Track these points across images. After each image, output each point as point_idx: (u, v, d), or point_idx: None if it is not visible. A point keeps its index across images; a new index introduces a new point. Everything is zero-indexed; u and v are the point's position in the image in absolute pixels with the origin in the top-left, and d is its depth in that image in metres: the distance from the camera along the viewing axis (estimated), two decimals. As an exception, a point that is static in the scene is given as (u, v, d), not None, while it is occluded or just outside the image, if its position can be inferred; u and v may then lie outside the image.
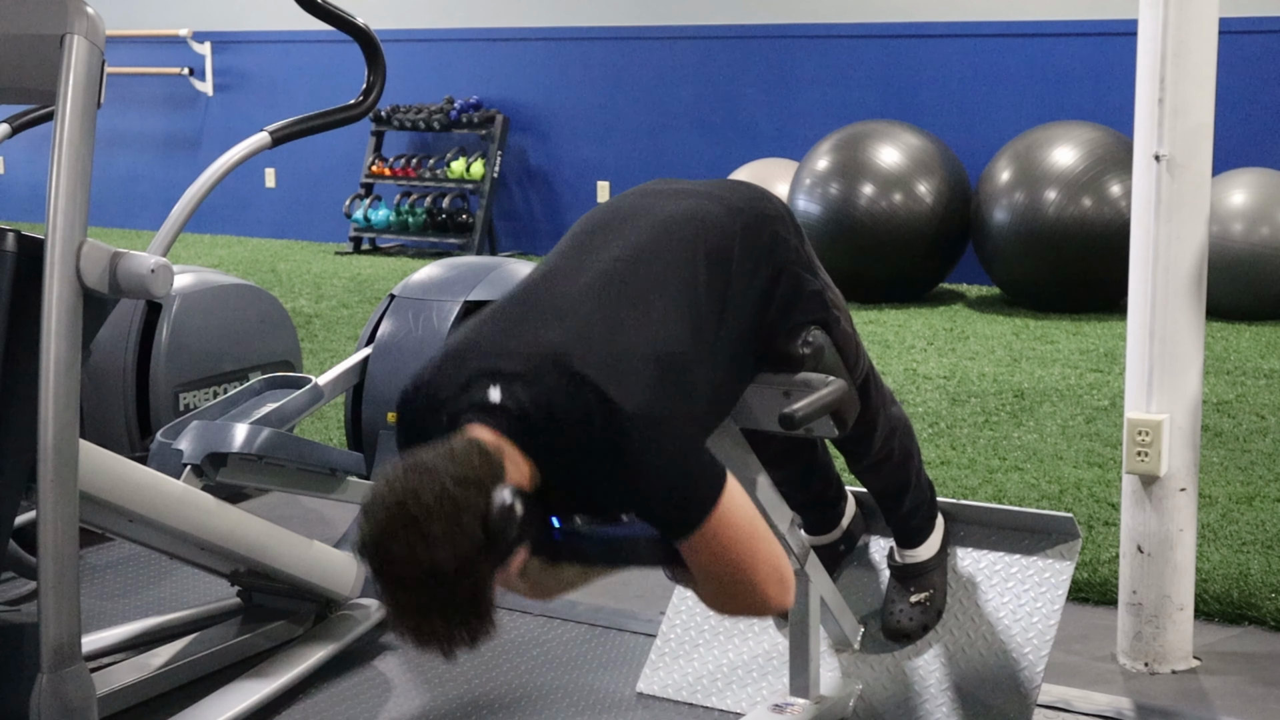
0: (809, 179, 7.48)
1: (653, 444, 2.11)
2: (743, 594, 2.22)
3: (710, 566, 2.18)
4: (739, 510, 2.18)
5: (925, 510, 2.98)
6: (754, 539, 2.20)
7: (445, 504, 1.96)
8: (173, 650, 3.18)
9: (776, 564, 2.22)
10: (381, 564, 1.97)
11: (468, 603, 1.99)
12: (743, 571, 2.19)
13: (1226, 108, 3.81)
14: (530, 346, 2.17)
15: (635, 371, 2.14)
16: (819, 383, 2.42)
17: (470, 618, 2.00)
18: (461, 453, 2.02)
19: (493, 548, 1.99)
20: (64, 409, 2.31)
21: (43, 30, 2.39)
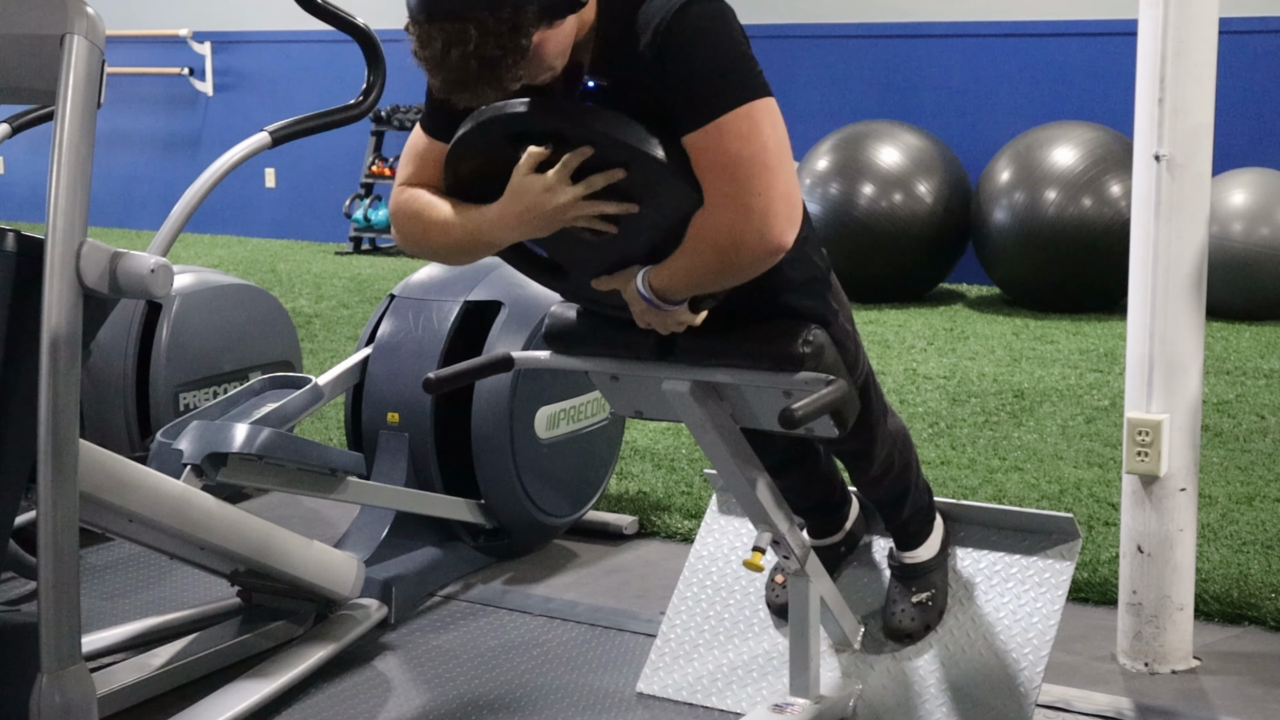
0: (809, 179, 7.48)
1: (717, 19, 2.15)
2: (751, 203, 2.17)
3: (726, 160, 2.16)
4: (775, 123, 2.19)
5: (924, 513, 2.98)
6: (781, 152, 2.19)
7: None
8: (173, 650, 3.18)
9: (791, 189, 2.21)
10: None
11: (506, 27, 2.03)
12: (758, 174, 2.16)
13: (1226, 108, 3.81)
14: None
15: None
16: (819, 382, 2.42)
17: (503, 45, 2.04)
18: None
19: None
20: (64, 409, 2.31)
21: (43, 30, 2.39)
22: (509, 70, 2.07)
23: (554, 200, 2.22)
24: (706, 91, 2.16)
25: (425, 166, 2.41)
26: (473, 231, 2.31)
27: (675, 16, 2.15)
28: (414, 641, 3.39)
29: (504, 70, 2.07)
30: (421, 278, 4.02)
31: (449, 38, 2.05)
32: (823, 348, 2.46)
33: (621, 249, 2.32)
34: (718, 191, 2.19)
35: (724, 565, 3.22)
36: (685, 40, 2.15)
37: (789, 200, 2.20)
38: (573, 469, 3.93)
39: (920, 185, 7.33)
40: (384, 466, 3.75)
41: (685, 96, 2.17)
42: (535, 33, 2.08)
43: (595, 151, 2.20)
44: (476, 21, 2.04)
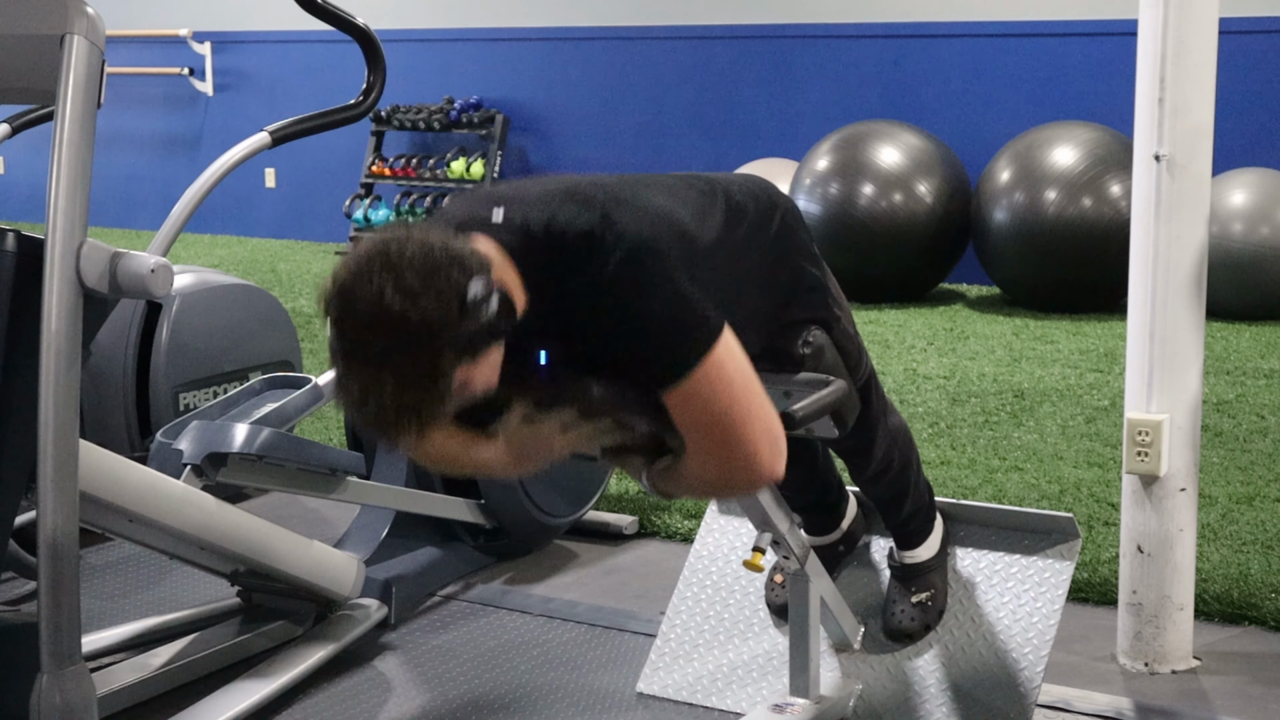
0: (809, 179, 7.48)
1: (654, 273, 2.06)
2: (733, 453, 2.14)
3: (700, 418, 2.11)
4: (734, 361, 2.12)
5: (924, 513, 2.98)
6: (748, 393, 2.13)
7: (426, 262, 1.92)
8: (173, 650, 3.18)
9: (769, 423, 2.16)
10: (347, 305, 1.92)
11: (421, 373, 1.91)
12: (734, 426, 2.12)
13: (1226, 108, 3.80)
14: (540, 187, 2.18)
15: (644, 212, 2.13)
16: (819, 383, 2.42)
17: (418, 391, 1.92)
18: (457, 241, 1.99)
19: (463, 326, 1.93)
20: (64, 409, 2.31)
21: (43, 30, 2.39)
22: (430, 415, 1.96)
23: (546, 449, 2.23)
24: (659, 363, 2.10)
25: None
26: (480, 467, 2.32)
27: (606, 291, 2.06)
28: (414, 641, 3.39)
29: (425, 416, 1.95)
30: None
31: (364, 385, 1.92)
32: (822, 348, 2.46)
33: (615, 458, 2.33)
34: (698, 446, 2.17)
35: (724, 565, 3.22)
36: (621, 314, 2.07)
37: (768, 436, 2.16)
38: (573, 469, 3.93)
39: (920, 185, 7.33)
40: (384, 466, 3.75)
41: (639, 368, 2.12)
42: (457, 372, 1.95)
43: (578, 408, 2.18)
44: (393, 369, 1.90)
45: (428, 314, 1.90)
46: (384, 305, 1.89)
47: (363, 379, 1.93)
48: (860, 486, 2.92)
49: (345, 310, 1.93)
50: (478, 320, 1.94)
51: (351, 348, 1.93)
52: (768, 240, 2.44)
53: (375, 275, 1.90)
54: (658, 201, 2.23)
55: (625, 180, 2.30)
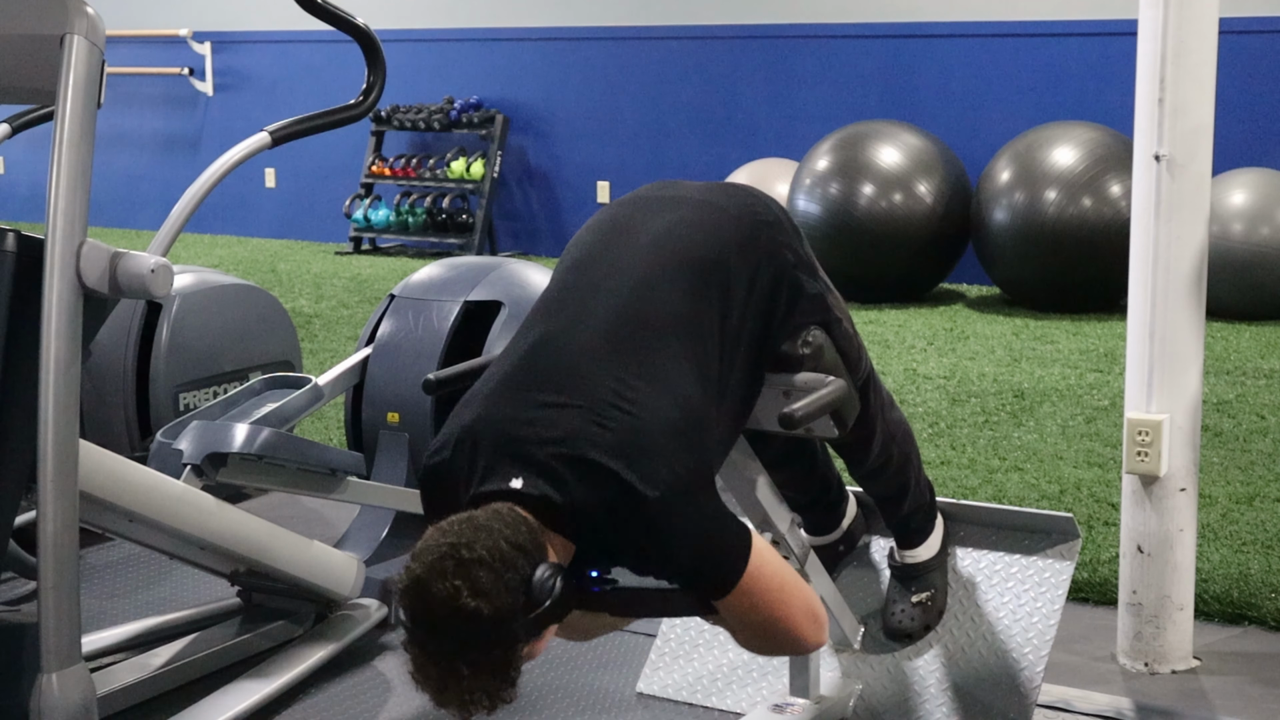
0: (809, 179, 7.48)
1: (680, 523, 2.16)
2: (780, 638, 2.30)
3: (747, 618, 2.26)
4: (768, 565, 2.25)
5: (925, 511, 2.98)
6: (785, 589, 2.27)
7: (496, 558, 2.01)
8: (173, 650, 3.18)
9: (809, 605, 2.31)
10: (423, 604, 2.01)
11: (496, 662, 2.03)
12: (778, 619, 2.27)
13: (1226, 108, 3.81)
14: (545, 432, 2.17)
15: (654, 449, 2.16)
16: (819, 383, 2.42)
17: (495, 679, 2.05)
18: (510, 517, 2.08)
19: (530, 614, 2.04)
20: (64, 409, 2.31)
21: (43, 30, 2.39)
22: (502, 693, 2.08)
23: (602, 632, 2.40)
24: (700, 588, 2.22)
25: None
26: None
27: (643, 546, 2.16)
28: (414, 641, 3.39)
29: (497, 696, 2.07)
30: (421, 278, 4.02)
31: (441, 674, 2.04)
32: (822, 348, 2.46)
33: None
34: (746, 634, 2.32)
35: (724, 565, 3.22)
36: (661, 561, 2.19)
37: (809, 614, 2.31)
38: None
39: (920, 185, 7.33)
40: (384, 466, 3.75)
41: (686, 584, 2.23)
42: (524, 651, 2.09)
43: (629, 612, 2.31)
44: (469, 662, 2.02)
45: (501, 611, 2.00)
46: (458, 606, 1.99)
47: (440, 671, 2.04)
48: (859, 482, 2.92)
49: (420, 607, 2.02)
50: (544, 606, 2.06)
51: (428, 642, 2.03)
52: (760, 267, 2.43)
53: (449, 576, 1.99)
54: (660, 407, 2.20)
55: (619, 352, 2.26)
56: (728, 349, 2.35)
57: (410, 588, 2.03)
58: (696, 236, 2.40)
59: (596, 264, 2.41)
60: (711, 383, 2.30)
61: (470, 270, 4.06)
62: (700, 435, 2.25)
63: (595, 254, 2.44)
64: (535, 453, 2.15)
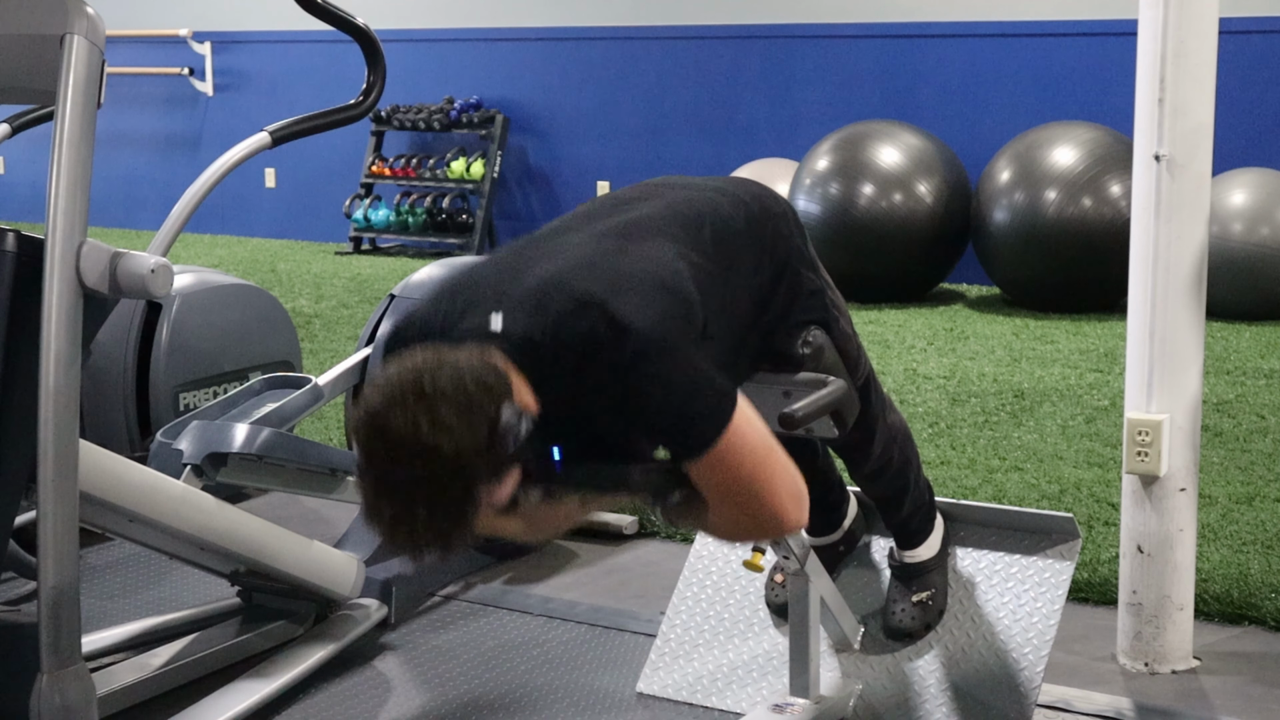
0: (809, 179, 7.48)
1: (663, 362, 2.07)
2: (760, 511, 2.18)
3: (726, 485, 2.15)
4: (752, 427, 2.15)
5: (925, 512, 2.98)
6: (769, 455, 2.17)
7: (460, 394, 1.92)
8: (173, 650, 3.18)
9: (791, 479, 2.20)
10: (380, 434, 1.92)
11: (453, 502, 1.94)
12: (759, 487, 2.16)
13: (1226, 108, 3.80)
14: (530, 279, 2.13)
15: (641, 291, 2.11)
16: (819, 383, 2.42)
17: (450, 520, 1.95)
18: (478, 358, 1.99)
19: (492, 455, 1.95)
20: (64, 409, 2.31)
21: (43, 30, 2.39)
22: (458, 538, 1.99)
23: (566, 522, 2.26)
24: (680, 444, 2.13)
25: None
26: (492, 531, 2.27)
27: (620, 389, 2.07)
28: (414, 641, 3.39)
29: (453, 541, 1.99)
30: (421, 278, 4.02)
31: (395, 515, 1.95)
32: (822, 348, 2.46)
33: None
34: (724, 511, 2.21)
35: (724, 565, 3.22)
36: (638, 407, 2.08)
37: (790, 490, 2.20)
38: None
39: (920, 185, 7.33)
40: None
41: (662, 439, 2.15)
42: (484, 496, 1.99)
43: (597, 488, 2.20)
44: (425, 502, 1.93)
45: (462, 446, 1.92)
46: (419, 438, 1.90)
47: (395, 508, 1.95)
48: (859, 484, 2.92)
49: (377, 440, 1.93)
50: (507, 447, 1.96)
51: (383, 476, 1.94)
52: (764, 254, 2.43)
53: (409, 406, 1.91)
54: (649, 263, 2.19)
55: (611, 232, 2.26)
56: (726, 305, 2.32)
57: (367, 420, 1.93)
58: (705, 210, 2.40)
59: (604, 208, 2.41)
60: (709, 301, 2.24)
61: (470, 270, 4.06)
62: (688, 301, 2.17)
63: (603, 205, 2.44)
64: (520, 292, 2.10)
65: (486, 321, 2.09)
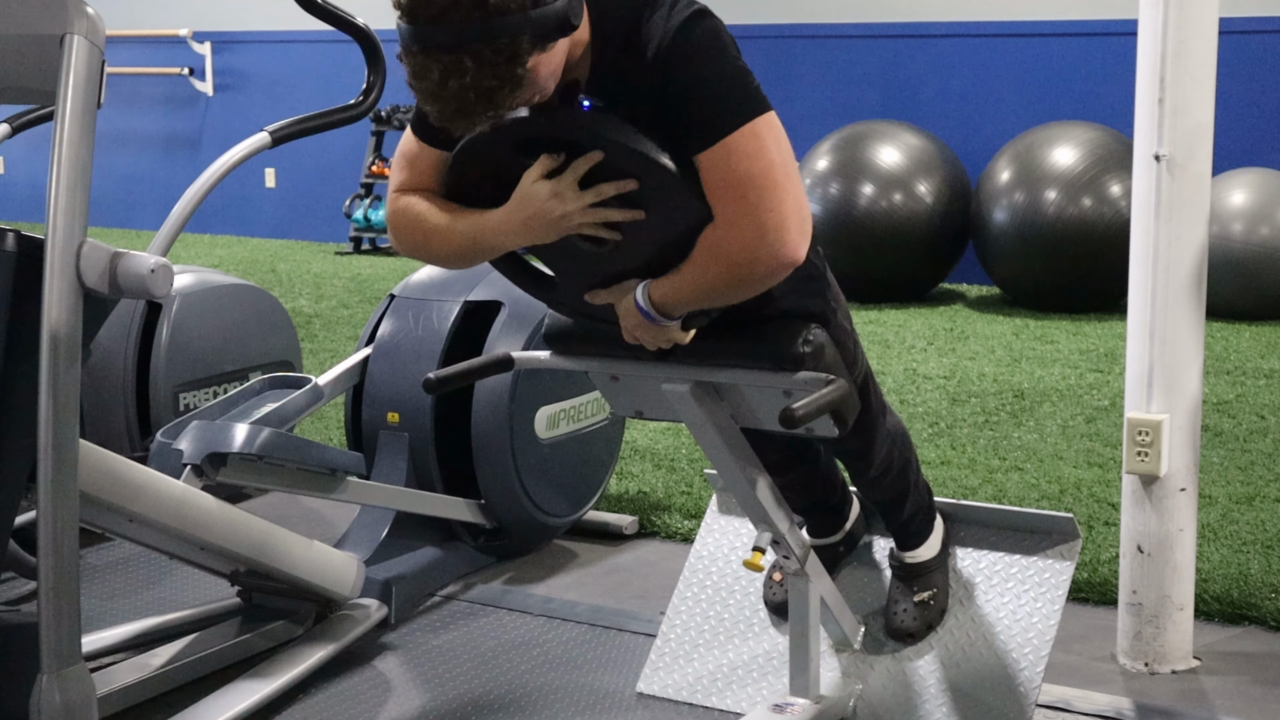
0: (809, 179, 7.48)
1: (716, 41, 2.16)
2: (764, 219, 2.16)
3: (740, 175, 2.15)
4: (779, 137, 2.19)
5: (925, 513, 2.98)
6: (787, 166, 2.19)
7: None
8: (173, 650, 3.17)
9: (800, 201, 2.21)
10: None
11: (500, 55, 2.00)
12: (769, 189, 2.16)
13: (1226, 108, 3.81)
14: None
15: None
16: (819, 382, 2.42)
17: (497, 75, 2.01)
18: None
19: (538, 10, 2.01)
20: (64, 409, 2.31)
21: (43, 30, 2.39)
22: (506, 99, 2.05)
23: (562, 207, 2.21)
24: (710, 112, 2.15)
25: (421, 172, 2.40)
26: (474, 237, 2.30)
27: (676, 36, 2.14)
28: (414, 641, 3.39)
29: (501, 99, 2.05)
30: (421, 278, 4.02)
31: (445, 69, 2.01)
32: (822, 347, 2.46)
33: (619, 261, 2.31)
34: (729, 209, 2.18)
35: (724, 565, 3.22)
36: (686, 60, 2.15)
37: (800, 213, 2.20)
38: (573, 469, 3.93)
39: (920, 185, 7.33)
40: (384, 466, 3.75)
41: (689, 117, 2.16)
42: (530, 59, 2.05)
43: (606, 159, 2.18)
44: (473, 53, 2.00)
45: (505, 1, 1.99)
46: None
47: (443, 64, 2.01)
48: (861, 489, 2.92)
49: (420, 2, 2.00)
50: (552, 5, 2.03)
51: (429, 34, 2.01)
52: None
53: None
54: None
55: None
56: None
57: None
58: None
59: None
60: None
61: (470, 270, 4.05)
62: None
63: None
64: None
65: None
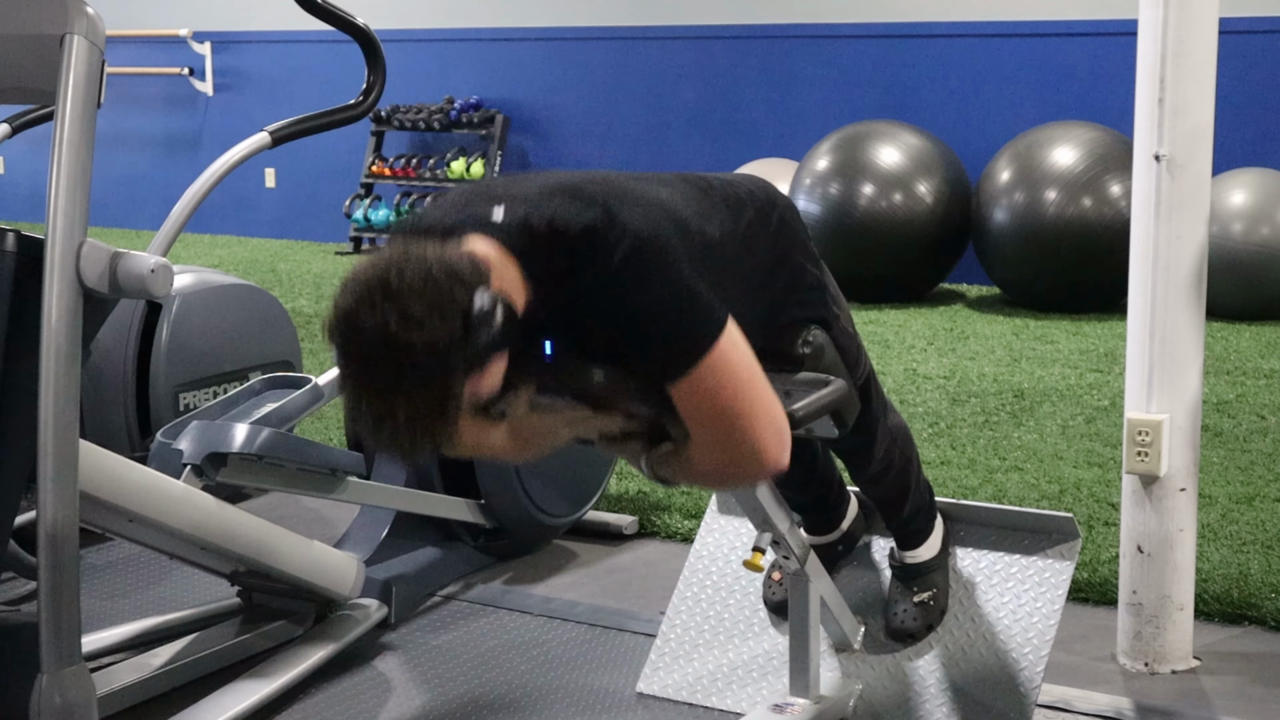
0: (809, 179, 7.48)
1: (658, 267, 2.05)
2: (739, 442, 2.13)
3: (706, 409, 2.11)
4: (739, 353, 2.12)
5: (925, 512, 2.98)
6: (753, 386, 2.13)
7: (428, 287, 1.90)
8: (173, 650, 3.18)
9: (775, 414, 2.16)
10: (353, 333, 1.91)
11: (434, 396, 1.91)
12: (740, 418, 2.11)
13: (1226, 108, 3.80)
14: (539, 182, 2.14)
15: (646, 205, 2.10)
16: (819, 383, 2.42)
17: (432, 415, 1.92)
18: (453, 253, 1.97)
19: (470, 346, 1.92)
20: (64, 409, 2.31)
21: (43, 30, 2.39)
22: (444, 434, 1.97)
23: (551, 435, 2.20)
24: (665, 356, 2.08)
25: None
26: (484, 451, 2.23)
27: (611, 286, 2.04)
28: (414, 641, 3.39)
29: (439, 435, 1.96)
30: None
31: (378, 412, 1.92)
32: (822, 348, 2.46)
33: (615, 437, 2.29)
34: (704, 437, 2.16)
35: (724, 565, 3.22)
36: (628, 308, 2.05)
37: (773, 427, 2.15)
38: (572, 469, 3.93)
39: (920, 185, 7.33)
40: (384, 466, 3.75)
41: (646, 360, 2.10)
42: (466, 387, 1.95)
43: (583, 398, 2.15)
44: (404, 396, 1.90)
45: (435, 339, 1.89)
46: (390, 335, 1.88)
47: (376, 408, 1.92)
48: (861, 487, 2.92)
49: (351, 341, 1.92)
50: (483, 335, 1.93)
51: (361, 376, 1.92)
52: (767, 238, 2.43)
53: (378, 305, 1.89)
54: (658, 195, 2.22)
55: (623, 175, 2.28)
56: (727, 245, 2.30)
57: (339, 321, 1.91)
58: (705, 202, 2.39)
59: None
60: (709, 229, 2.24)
61: (470, 270, 4.06)
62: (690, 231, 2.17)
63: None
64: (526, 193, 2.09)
65: (488, 213, 2.07)
